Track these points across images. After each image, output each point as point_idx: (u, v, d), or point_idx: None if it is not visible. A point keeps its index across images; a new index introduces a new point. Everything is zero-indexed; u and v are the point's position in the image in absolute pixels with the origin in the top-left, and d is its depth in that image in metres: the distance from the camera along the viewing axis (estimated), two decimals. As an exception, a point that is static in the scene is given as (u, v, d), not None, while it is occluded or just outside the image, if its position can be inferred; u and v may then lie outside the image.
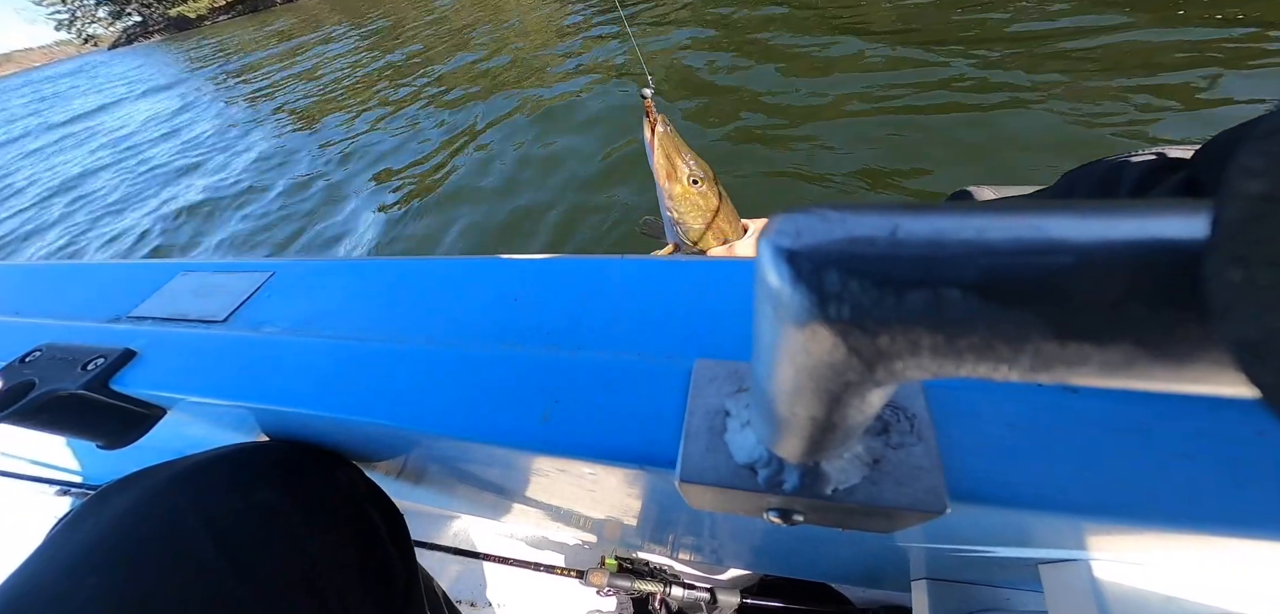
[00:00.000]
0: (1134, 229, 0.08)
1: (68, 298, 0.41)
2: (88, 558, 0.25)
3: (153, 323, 0.36)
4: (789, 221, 0.10)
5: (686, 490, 0.20)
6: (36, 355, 0.33)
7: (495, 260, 0.33)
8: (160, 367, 0.32)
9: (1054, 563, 0.26)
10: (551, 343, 0.27)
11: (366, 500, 0.35)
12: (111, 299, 0.39)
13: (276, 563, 0.27)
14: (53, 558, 0.26)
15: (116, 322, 0.37)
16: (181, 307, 0.36)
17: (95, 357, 0.32)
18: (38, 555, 0.26)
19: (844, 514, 0.20)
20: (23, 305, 0.41)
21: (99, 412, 0.31)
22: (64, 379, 0.30)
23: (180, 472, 0.30)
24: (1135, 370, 0.09)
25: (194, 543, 0.26)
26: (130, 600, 0.24)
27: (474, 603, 0.77)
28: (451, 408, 0.25)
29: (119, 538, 0.26)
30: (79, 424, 0.31)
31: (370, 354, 0.29)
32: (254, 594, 0.26)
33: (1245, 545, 0.18)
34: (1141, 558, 0.23)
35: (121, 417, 0.31)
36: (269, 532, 0.28)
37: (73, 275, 0.44)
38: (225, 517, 0.28)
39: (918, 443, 0.20)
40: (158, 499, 0.28)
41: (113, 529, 0.26)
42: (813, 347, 0.11)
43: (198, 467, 0.30)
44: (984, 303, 0.09)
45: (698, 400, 0.21)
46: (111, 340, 0.33)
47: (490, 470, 0.35)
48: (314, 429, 0.31)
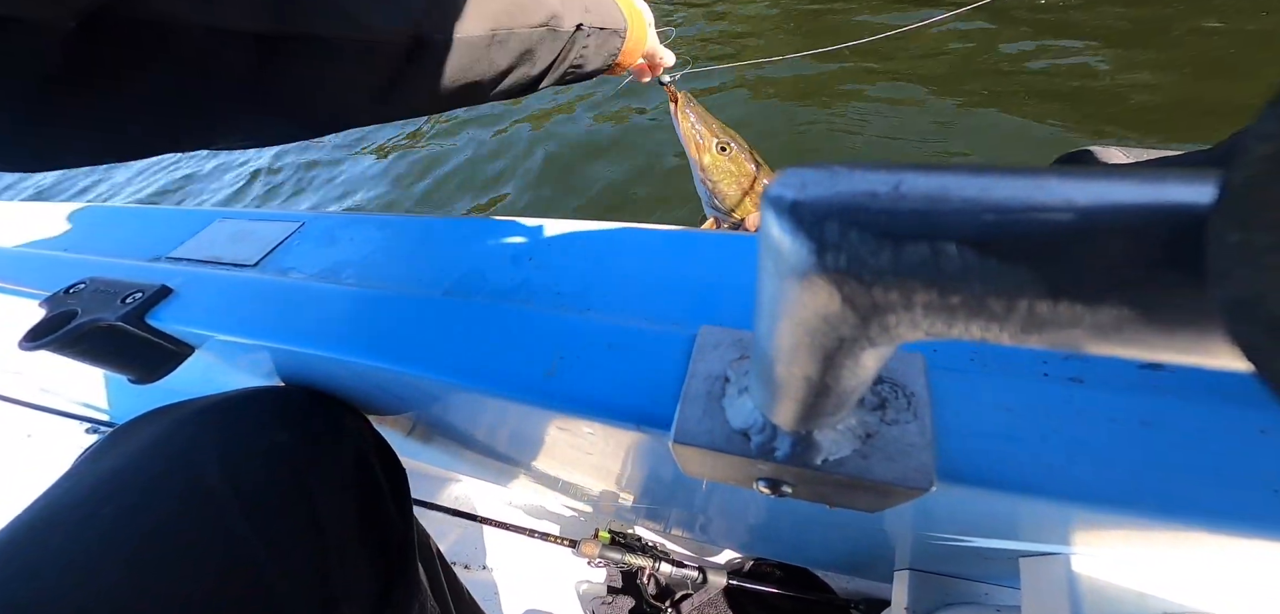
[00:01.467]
0: (1141, 193, 0.08)
1: (113, 237, 0.42)
2: (106, 488, 0.26)
3: (189, 264, 0.37)
4: (795, 175, 0.11)
5: (679, 453, 0.21)
6: (81, 287, 0.35)
7: (513, 222, 0.34)
8: (193, 304, 0.33)
9: (1034, 556, 0.26)
10: (561, 303, 0.28)
11: (372, 454, 0.36)
12: (153, 240, 0.41)
13: (283, 505, 0.28)
14: (73, 487, 0.27)
15: (156, 261, 0.38)
16: (217, 250, 0.38)
17: (134, 291, 0.33)
18: (60, 484, 0.27)
19: (833, 488, 0.20)
20: (72, 242, 0.43)
21: (134, 345, 0.32)
22: (104, 311, 0.32)
23: (200, 408, 0.31)
24: (1125, 334, 0.09)
25: (208, 478, 0.27)
26: (143, 530, 0.25)
27: (468, 565, 0.79)
28: (460, 357, 0.26)
29: (137, 470, 0.27)
30: (114, 356, 0.32)
31: (386, 302, 0.30)
32: (259, 533, 0.27)
33: (1230, 543, 0.18)
34: (1122, 553, 0.23)
35: (153, 352, 0.33)
36: (278, 474, 0.29)
37: (119, 217, 0.46)
38: (239, 456, 0.28)
39: (913, 420, 0.20)
40: (177, 434, 0.29)
41: (132, 461, 0.27)
42: (810, 299, 0.11)
43: (217, 405, 0.31)
44: (980, 259, 0.09)
45: (699, 365, 0.22)
46: (150, 277, 0.35)
47: (493, 428, 0.36)
48: (328, 375, 0.32)
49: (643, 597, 0.67)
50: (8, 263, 0.42)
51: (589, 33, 0.44)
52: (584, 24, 0.42)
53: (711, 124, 0.89)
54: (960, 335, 0.11)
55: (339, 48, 0.27)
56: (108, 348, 0.32)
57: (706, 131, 0.88)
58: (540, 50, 0.39)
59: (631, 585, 0.70)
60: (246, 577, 0.25)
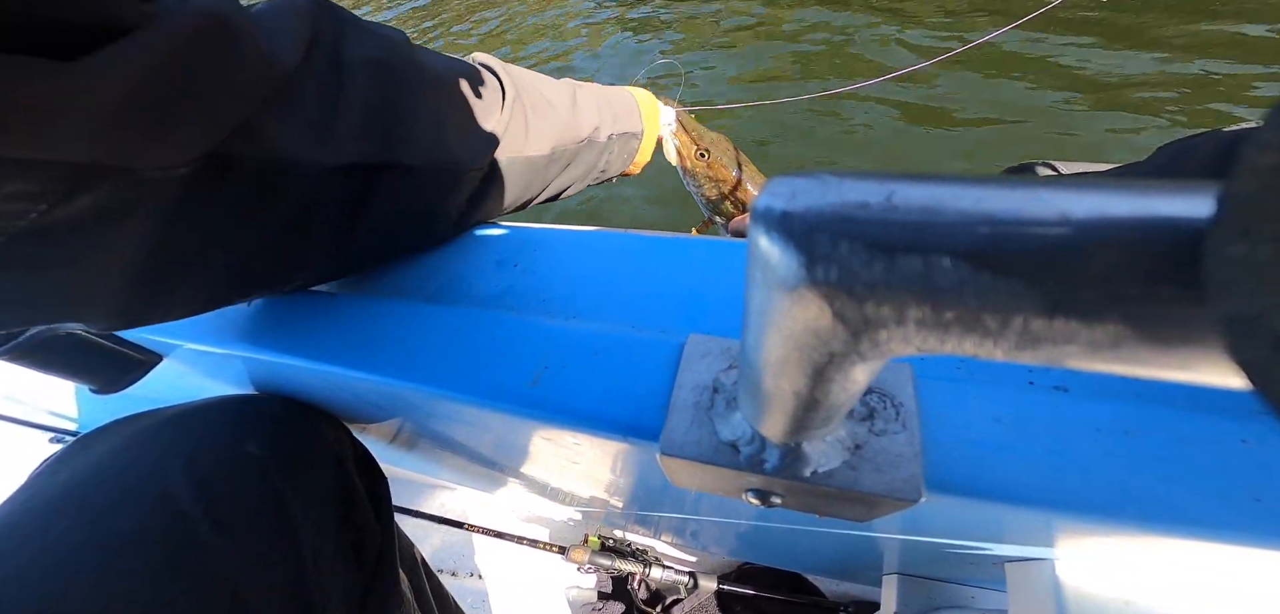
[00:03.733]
0: (1139, 206, 0.08)
1: None
2: (63, 501, 0.25)
3: None
4: (784, 183, 0.10)
5: (667, 465, 0.21)
6: None
7: (497, 225, 0.33)
8: None
9: (1020, 561, 0.26)
10: (547, 310, 0.27)
11: (351, 463, 0.35)
12: None
13: (255, 515, 0.27)
14: (29, 500, 0.25)
15: None
16: None
17: None
18: (15, 497, 0.26)
19: (821, 499, 0.20)
20: None
21: (95, 353, 0.31)
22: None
23: (167, 418, 0.29)
24: (1122, 351, 0.09)
25: (174, 490, 0.26)
26: (101, 543, 0.23)
27: (455, 572, 0.78)
28: (441, 367, 0.25)
29: (98, 482, 0.26)
30: (74, 365, 0.31)
31: (365, 309, 0.29)
32: (231, 544, 0.26)
33: (1214, 550, 0.18)
34: (1107, 559, 0.23)
35: (118, 360, 0.31)
36: (251, 484, 0.28)
37: None
38: (207, 466, 0.27)
39: (901, 431, 0.20)
40: (141, 444, 0.28)
41: (92, 473, 0.26)
42: (799, 312, 0.11)
43: (185, 414, 0.30)
44: (975, 272, 0.09)
45: (687, 374, 0.21)
46: None
47: (478, 436, 0.35)
48: (304, 384, 0.31)
49: (633, 602, 0.67)
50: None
51: (614, 139, 0.48)
52: (613, 133, 0.47)
53: (694, 131, 0.92)
54: (953, 351, 0.10)
55: (432, 178, 0.29)
56: (67, 356, 0.30)
57: (688, 140, 0.91)
58: (580, 161, 0.43)
59: (622, 591, 0.69)
60: (218, 588, 0.24)
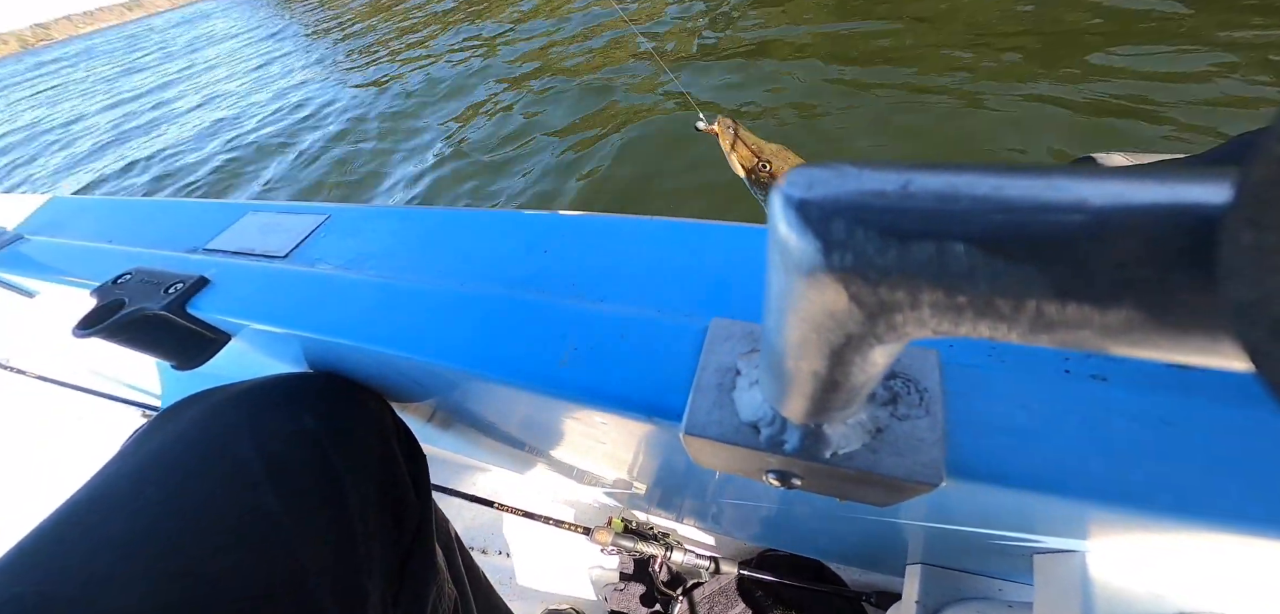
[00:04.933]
0: (1155, 193, 0.08)
1: (155, 229, 0.45)
2: (151, 468, 0.28)
3: (224, 255, 0.39)
4: (803, 174, 0.11)
5: (690, 443, 0.21)
6: (127, 278, 0.37)
7: (531, 214, 0.35)
8: (229, 294, 0.34)
9: (1049, 553, 0.26)
10: (576, 294, 0.28)
11: (393, 439, 0.37)
12: (191, 232, 0.43)
13: (311, 486, 0.30)
14: (123, 467, 0.29)
15: (194, 252, 0.40)
16: (249, 242, 0.40)
17: (176, 282, 0.35)
18: (111, 465, 0.29)
19: (841, 482, 0.21)
20: (116, 234, 0.45)
21: (176, 332, 0.34)
22: (149, 300, 0.33)
23: (237, 393, 0.32)
24: (1134, 336, 0.09)
25: (245, 460, 0.29)
26: (185, 508, 0.26)
27: (485, 550, 0.82)
28: (475, 346, 0.26)
29: (181, 450, 0.29)
30: (159, 343, 0.34)
31: (406, 292, 0.31)
32: (289, 512, 0.28)
33: (1250, 544, 0.18)
34: (1139, 553, 0.23)
35: (194, 339, 0.35)
36: (307, 457, 0.30)
37: (160, 210, 0.48)
38: (272, 439, 0.30)
39: (924, 416, 0.20)
40: (216, 418, 0.31)
41: (175, 442, 0.29)
42: (817, 296, 0.11)
43: (251, 390, 0.32)
44: (988, 258, 0.09)
45: (710, 357, 0.22)
46: (190, 268, 0.37)
47: (508, 416, 0.36)
48: (353, 362, 0.34)
49: (654, 584, 0.68)
50: (61, 255, 0.44)
51: None
52: None
53: (753, 144, 1.03)
54: (969, 334, 0.11)
55: None
56: (153, 335, 0.34)
57: (748, 152, 1.01)
58: None
59: (643, 573, 0.71)
60: (278, 553, 0.27)
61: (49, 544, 0.25)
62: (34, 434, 0.83)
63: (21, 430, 0.83)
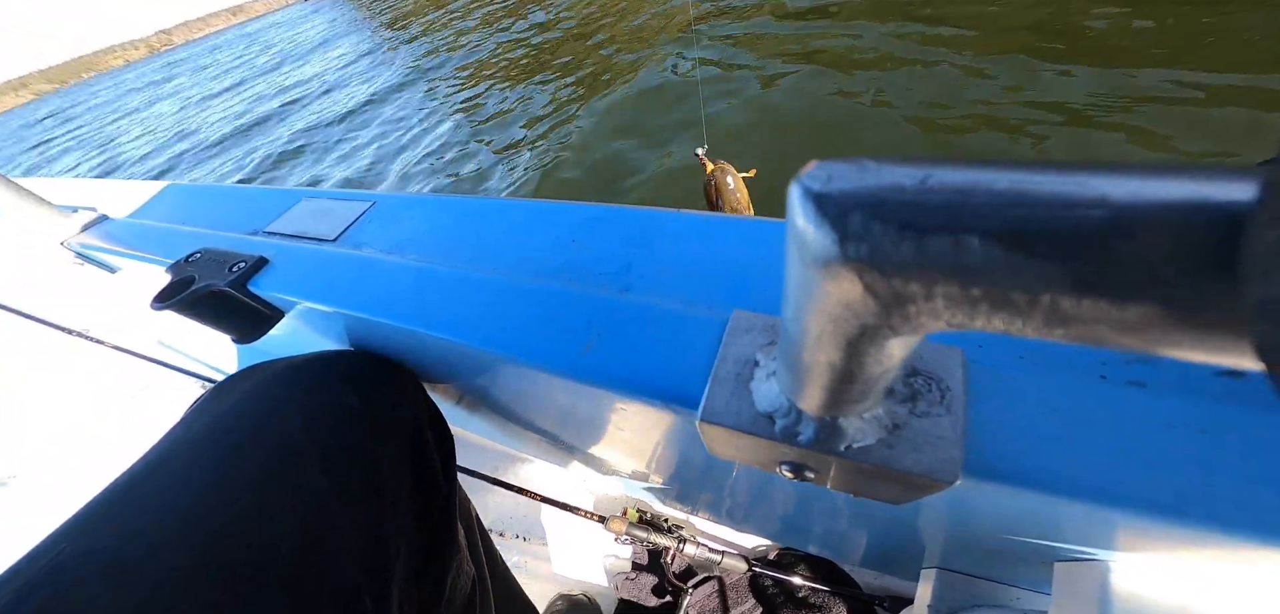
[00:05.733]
0: (1180, 190, 0.08)
1: (222, 212, 0.49)
2: (209, 439, 0.30)
3: (281, 238, 0.42)
4: (822, 168, 0.11)
5: (705, 432, 0.22)
6: (196, 257, 0.40)
7: (563, 205, 0.36)
8: (285, 274, 0.37)
9: (1070, 562, 0.26)
10: (602, 283, 0.29)
11: (425, 419, 0.39)
12: (253, 216, 0.46)
13: (351, 463, 0.31)
14: (183, 435, 0.31)
15: (255, 234, 0.44)
16: (303, 226, 0.43)
17: (238, 261, 0.38)
18: (173, 433, 0.32)
19: (856, 476, 0.21)
20: (188, 217, 0.50)
21: (238, 308, 0.37)
22: (215, 277, 0.37)
23: (286, 369, 0.34)
24: (1151, 332, 0.09)
25: (290, 430, 0.31)
26: (239, 478, 0.28)
27: (504, 533, 0.84)
28: (504, 329, 0.27)
29: (235, 423, 0.31)
30: (223, 317, 0.37)
31: (442, 277, 0.32)
32: (332, 484, 0.30)
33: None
34: (1165, 565, 0.22)
35: (253, 315, 0.38)
36: (347, 431, 0.32)
37: (225, 195, 0.52)
38: (317, 412, 0.32)
39: (945, 414, 0.20)
40: (268, 392, 0.33)
41: (229, 414, 0.31)
42: (833, 287, 0.12)
43: (298, 365, 0.35)
44: (1005, 252, 0.09)
45: (729, 347, 0.23)
46: (251, 249, 0.40)
47: (532, 401, 0.38)
48: (391, 342, 0.36)
49: (666, 575, 0.69)
50: (141, 235, 0.48)
51: None
52: None
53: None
54: (983, 327, 0.11)
55: None
56: (218, 310, 0.37)
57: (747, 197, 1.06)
58: None
59: (656, 564, 0.72)
60: (319, 523, 0.28)
61: (116, 506, 0.27)
62: (107, 401, 0.91)
63: (96, 397, 0.91)
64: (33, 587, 0.23)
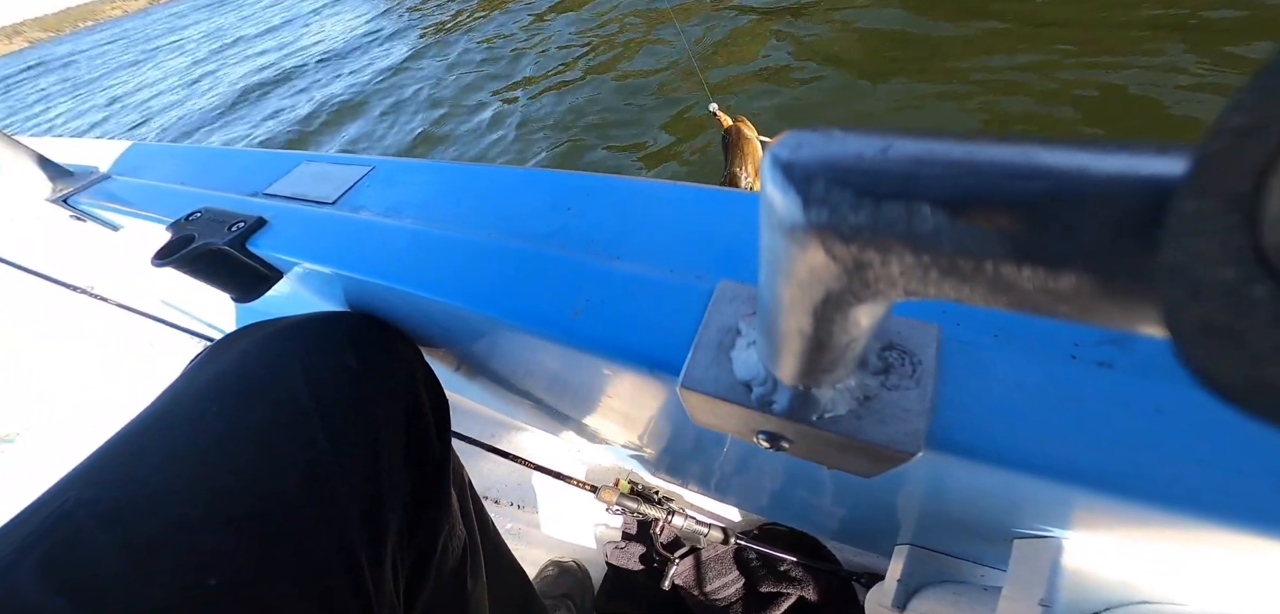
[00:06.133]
0: (1115, 164, 0.09)
1: (223, 174, 0.49)
2: (211, 391, 0.31)
3: (281, 200, 0.42)
4: (793, 136, 0.12)
5: (686, 398, 0.23)
6: (196, 216, 0.41)
7: (556, 173, 0.37)
8: (283, 235, 0.38)
9: (1027, 538, 0.27)
10: (593, 250, 0.30)
11: (421, 382, 0.40)
12: (254, 177, 0.46)
13: (349, 419, 0.32)
14: (187, 388, 0.31)
15: (255, 195, 0.44)
16: (303, 188, 0.43)
17: (238, 221, 0.39)
18: (175, 386, 0.32)
19: (827, 447, 0.22)
20: (189, 177, 0.50)
21: (236, 267, 0.38)
22: (215, 236, 0.37)
23: (287, 327, 0.35)
24: (1082, 301, 0.10)
25: (294, 388, 0.31)
26: (242, 429, 0.29)
27: (498, 500, 0.86)
28: (496, 293, 0.28)
29: (238, 377, 0.31)
30: (222, 276, 0.38)
31: (438, 241, 0.33)
32: (331, 442, 0.31)
33: (1231, 539, 0.18)
34: (1117, 542, 0.23)
35: (251, 274, 0.39)
36: (346, 389, 0.33)
37: (227, 158, 0.52)
38: (317, 370, 0.32)
39: (914, 388, 0.21)
40: (270, 348, 0.33)
41: (233, 369, 0.32)
42: (798, 253, 0.12)
43: (298, 325, 0.35)
44: (950, 220, 0.10)
45: (713, 316, 0.23)
46: (250, 209, 0.40)
47: (525, 367, 0.39)
48: (387, 304, 0.37)
49: (654, 545, 0.71)
50: (142, 194, 0.49)
51: None
52: None
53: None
54: (935, 295, 0.12)
55: None
56: (217, 268, 0.38)
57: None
58: None
59: (645, 534, 0.74)
60: (318, 478, 0.29)
61: (120, 456, 0.27)
62: (112, 357, 0.92)
63: (102, 353, 0.93)
64: (38, 535, 0.23)
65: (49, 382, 0.92)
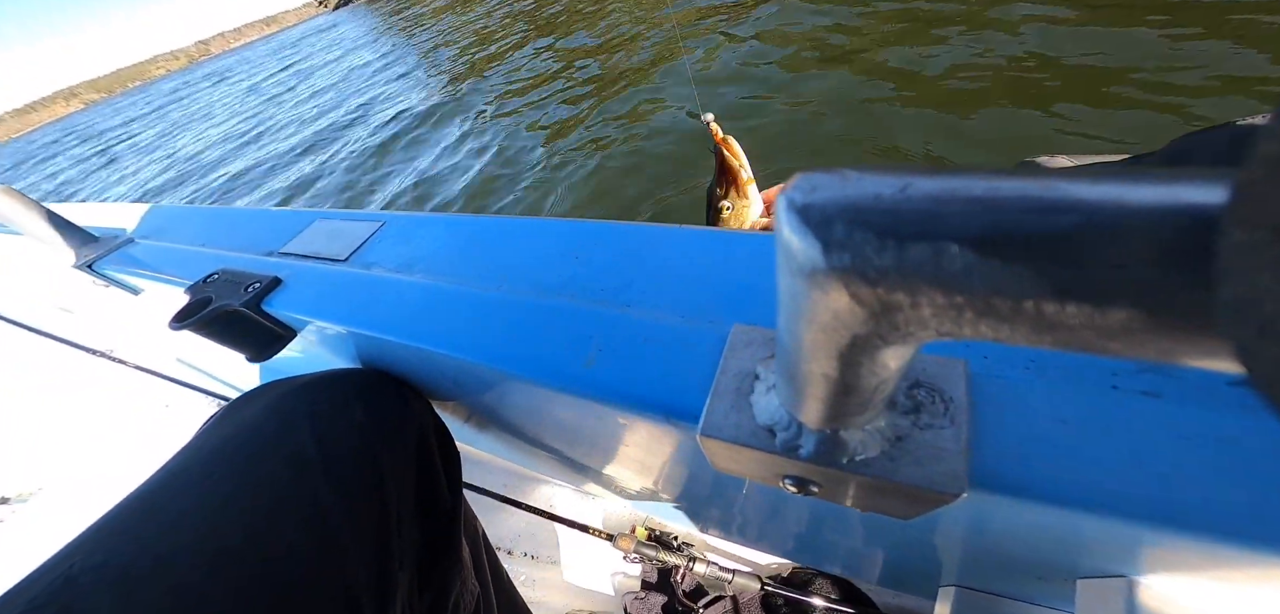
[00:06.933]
0: (1154, 194, 0.08)
1: (240, 234, 0.50)
2: (221, 453, 0.31)
3: (294, 258, 0.43)
4: (807, 179, 0.11)
5: (706, 445, 0.22)
6: (214, 277, 0.41)
7: (563, 222, 0.37)
8: (297, 294, 0.38)
9: (1094, 579, 0.25)
10: (603, 298, 0.29)
11: (432, 435, 0.39)
12: (269, 236, 0.48)
13: (358, 475, 0.32)
14: (200, 448, 0.32)
15: (269, 255, 0.45)
16: (316, 246, 0.44)
17: (253, 281, 0.39)
18: (186, 449, 0.32)
19: (860, 490, 0.20)
20: (207, 238, 0.51)
21: (252, 328, 0.38)
22: (231, 297, 0.38)
23: (298, 386, 0.35)
24: (1133, 337, 0.09)
25: (302, 447, 0.31)
26: (250, 491, 0.29)
27: (511, 551, 0.84)
28: (507, 346, 0.28)
29: (247, 437, 0.32)
30: (237, 336, 0.39)
31: (449, 295, 0.33)
32: (339, 498, 0.30)
33: None
34: (1194, 582, 0.21)
35: (266, 334, 0.39)
36: (355, 448, 0.33)
37: (243, 217, 0.54)
38: (327, 430, 0.32)
39: (948, 426, 0.20)
40: (279, 408, 0.34)
41: (243, 429, 0.32)
42: (820, 297, 0.12)
43: (309, 384, 0.35)
44: (981, 259, 0.09)
45: (730, 361, 0.23)
46: (265, 269, 0.41)
47: (538, 418, 0.38)
48: (398, 359, 0.37)
49: (676, 595, 0.68)
50: (163, 257, 0.50)
51: None
52: None
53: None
54: (971, 335, 0.11)
55: None
56: (233, 329, 0.38)
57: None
58: None
59: (665, 583, 0.71)
60: (326, 534, 0.29)
61: (132, 519, 0.27)
62: (130, 419, 0.94)
63: (120, 415, 0.95)
64: (42, 601, 0.23)
65: (68, 442, 0.94)
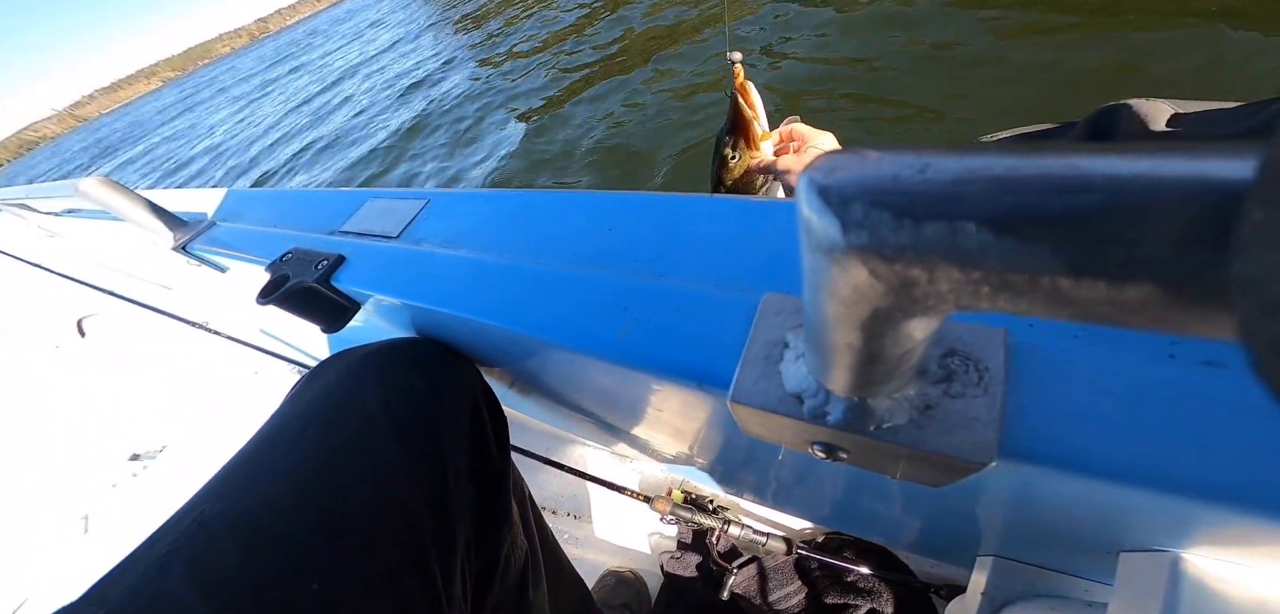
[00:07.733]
0: (1175, 169, 0.08)
1: (303, 214, 0.55)
2: (309, 412, 0.35)
3: (354, 236, 0.47)
4: (827, 159, 0.12)
5: (736, 411, 0.23)
6: (288, 256, 0.46)
7: (597, 194, 0.38)
8: (360, 270, 0.42)
9: (1137, 553, 0.24)
10: (637, 269, 0.30)
11: (481, 400, 0.42)
12: (329, 216, 0.52)
13: (419, 435, 0.35)
14: (289, 412, 0.36)
15: (332, 233, 0.49)
16: (371, 224, 0.47)
17: (322, 259, 0.43)
18: (281, 410, 0.37)
19: (888, 458, 0.21)
20: (278, 219, 0.57)
21: (323, 302, 0.43)
22: (305, 274, 0.42)
23: (364, 355, 0.39)
24: (1152, 312, 0.09)
25: (373, 410, 0.35)
26: (336, 445, 0.33)
27: (555, 510, 0.89)
28: (547, 317, 0.30)
29: (327, 400, 0.36)
30: (312, 309, 0.43)
31: (492, 268, 0.35)
32: (403, 456, 0.34)
33: None
34: (1242, 560, 0.21)
35: (336, 307, 0.43)
36: (417, 411, 0.36)
37: (304, 198, 0.59)
38: (392, 393, 0.36)
39: (981, 395, 0.20)
40: (351, 374, 0.37)
41: (323, 393, 0.36)
42: (840, 273, 0.12)
43: (374, 352, 0.39)
44: (997, 237, 0.10)
45: (760, 329, 0.23)
46: (330, 247, 0.45)
47: (578, 384, 0.40)
48: (450, 329, 0.40)
49: (711, 555, 0.70)
50: (242, 237, 0.56)
51: None
52: None
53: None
54: (990, 309, 0.11)
55: None
56: (309, 303, 0.43)
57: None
58: None
59: (701, 544, 0.73)
60: (393, 489, 0.33)
61: (243, 472, 0.32)
62: (226, 384, 1.08)
63: (218, 381, 1.08)
64: (185, 541, 0.28)
65: (178, 405, 1.08)
